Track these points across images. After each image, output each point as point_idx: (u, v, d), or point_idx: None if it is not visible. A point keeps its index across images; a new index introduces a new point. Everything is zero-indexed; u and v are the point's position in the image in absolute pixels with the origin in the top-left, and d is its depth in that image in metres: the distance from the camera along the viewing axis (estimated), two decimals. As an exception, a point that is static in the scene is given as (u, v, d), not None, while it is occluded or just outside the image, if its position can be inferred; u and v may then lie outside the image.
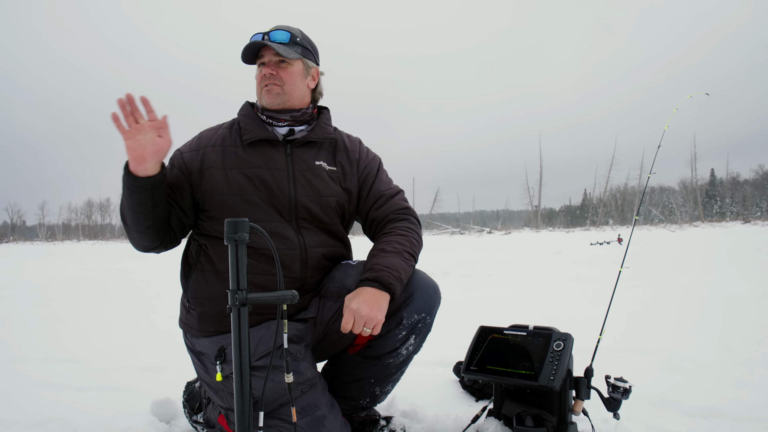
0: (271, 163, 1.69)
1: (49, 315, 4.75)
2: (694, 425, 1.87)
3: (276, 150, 1.71)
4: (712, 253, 10.38)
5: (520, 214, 77.15)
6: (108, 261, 14.02)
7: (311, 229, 1.71)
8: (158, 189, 1.54)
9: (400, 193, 1.87)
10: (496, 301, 4.95)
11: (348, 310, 1.52)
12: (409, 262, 1.68)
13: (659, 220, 50.77)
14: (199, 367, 1.72)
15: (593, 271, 7.68)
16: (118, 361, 2.97)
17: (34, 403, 2.23)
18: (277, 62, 1.70)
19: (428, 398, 2.18)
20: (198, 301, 1.68)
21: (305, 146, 1.75)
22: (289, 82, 1.71)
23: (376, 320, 1.51)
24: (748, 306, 4.16)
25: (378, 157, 1.91)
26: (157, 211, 1.57)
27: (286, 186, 1.68)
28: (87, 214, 69.28)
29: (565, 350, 1.69)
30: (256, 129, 1.72)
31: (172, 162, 1.74)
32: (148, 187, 1.50)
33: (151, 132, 1.47)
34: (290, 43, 1.70)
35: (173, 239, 1.71)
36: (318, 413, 1.57)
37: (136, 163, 1.47)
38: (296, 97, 1.74)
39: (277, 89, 1.70)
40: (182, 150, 1.75)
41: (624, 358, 2.71)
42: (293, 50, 1.70)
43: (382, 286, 1.56)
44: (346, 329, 1.51)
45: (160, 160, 1.51)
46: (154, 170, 1.50)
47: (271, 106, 1.72)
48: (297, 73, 1.72)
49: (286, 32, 1.70)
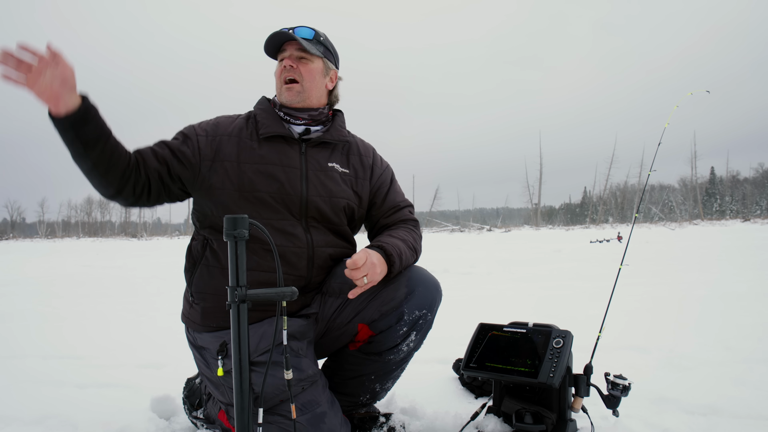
0: (285, 161, 1.69)
1: (49, 312, 4.75)
2: (693, 423, 1.88)
3: (291, 147, 1.72)
4: (712, 251, 10.39)
5: (519, 211, 77.22)
6: (108, 258, 14.03)
7: (320, 228, 1.72)
8: (81, 127, 1.43)
9: (411, 206, 1.93)
10: (496, 298, 4.95)
11: (364, 251, 1.55)
12: (411, 252, 1.73)
13: (659, 218, 50.78)
14: (201, 362, 1.72)
15: (593, 268, 7.68)
16: (117, 358, 2.97)
17: (34, 400, 2.23)
18: (299, 57, 1.72)
19: (428, 395, 2.18)
20: (202, 296, 1.68)
21: (319, 146, 1.77)
22: (309, 78, 1.73)
23: (376, 277, 1.55)
24: (747, 304, 4.16)
25: (391, 167, 1.96)
26: (94, 153, 1.47)
27: (298, 184, 1.68)
28: (87, 211, 69.38)
29: (564, 347, 1.69)
30: (273, 124, 1.72)
31: (186, 135, 1.70)
32: (68, 126, 1.41)
33: (49, 69, 1.36)
34: (313, 41, 1.73)
35: (142, 194, 1.62)
36: (318, 410, 1.58)
37: (52, 104, 1.38)
38: (314, 95, 1.76)
39: (297, 87, 1.72)
40: (198, 132, 1.71)
41: (623, 356, 2.72)
42: (316, 48, 1.73)
43: (385, 256, 1.60)
44: (355, 263, 1.50)
45: (72, 89, 1.40)
46: (73, 103, 1.40)
47: (291, 104, 1.74)
48: (317, 71, 1.74)
49: (310, 29, 1.74)
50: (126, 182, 1.56)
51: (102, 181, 1.53)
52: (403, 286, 1.68)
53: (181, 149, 1.66)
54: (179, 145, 1.67)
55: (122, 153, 1.54)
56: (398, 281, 1.68)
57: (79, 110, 1.41)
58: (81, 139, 1.43)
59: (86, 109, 1.43)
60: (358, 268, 1.50)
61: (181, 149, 1.66)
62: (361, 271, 1.51)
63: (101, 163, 1.49)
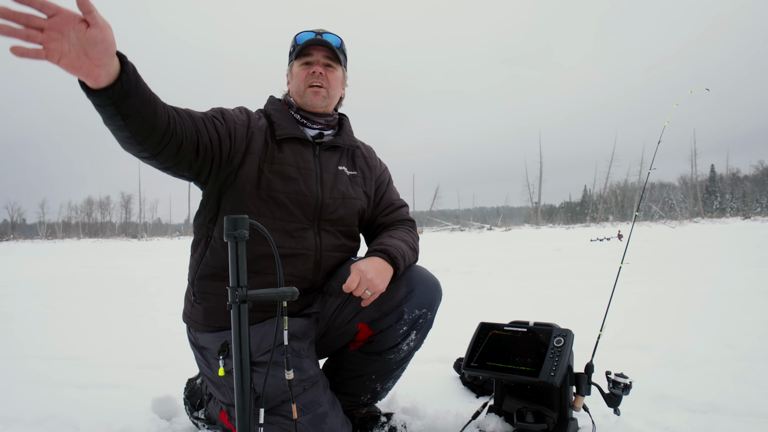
0: (302, 163, 1.70)
1: (50, 313, 4.75)
2: (694, 421, 1.88)
3: (306, 150, 1.73)
4: (712, 249, 10.39)
5: (520, 210, 77.20)
6: (108, 259, 14.03)
7: (331, 231, 1.72)
8: (124, 101, 1.21)
9: (407, 206, 1.97)
10: (497, 297, 4.95)
11: (356, 270, 1.55)
12: (412, 253, 1.75)
13: (659, 216, 50.79)
14: (202, 362, 1.72)
15: (593, 267, 7.68)
16: (118, 359, 2.97)
17: (35, 401, 2.23)
18: (326, 64, 1.73)
19: (429, 395, 2.18)
20: (204, 296, 1.68)
21: (330, 150, 1.78)
22: (334, 86, 1.75)
23: (379, 288, 1.56)
24: (747, 302, 4.16)
25: (387, 168, 2.00)
26: (134, 125, 1.28)
27: (314, 186, 1.69)
28: (87, 212, 69.35)
29: (565, 346, 1.69)
30: (290, 126, 1.72)
31: (224, 116, 1.61)
32: (107, 101, 1.19)
33: (74, 31, 1.06)
34: (339, 49, 1.75)
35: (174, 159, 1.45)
36: (319, 410, 1.58)
37: (91, 79, 1.13)
38: (334, 102, 1.80)
39: (323, 92, 1.73)
40: (236, 120, 1.63)
41: (624, 354, 2.72)
42: (341, 56, 1.75)
43: (389, 259, 1.62)
44: (349, 288, 1.52)
45: (112, 53, 1.13)
46: (113, 71, 1.16)
47: (315, 108, 1.74)
48: (339, 79, 1.77)
49: (337, 38, 1.75)
50: (163, 148, 1.39)
51: (138, 147, 1.35)
52: (403, 285, 1.68)
53: (221, 131, 1.57)
54: (220, 127, 1.57)
55: (162, 118, 1.35)
56: (398, 281, 1.69)
57: (121, 80, 1.18)
58: (122, 113, 1.23)
59: (128, 78, 1.20)
60: (356, 289, 1.53)
61: (221, 131, 1.57)
62: (359, 291, 1.54)
63: (141, 132, 1.30)
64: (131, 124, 1.27)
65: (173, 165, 1.48)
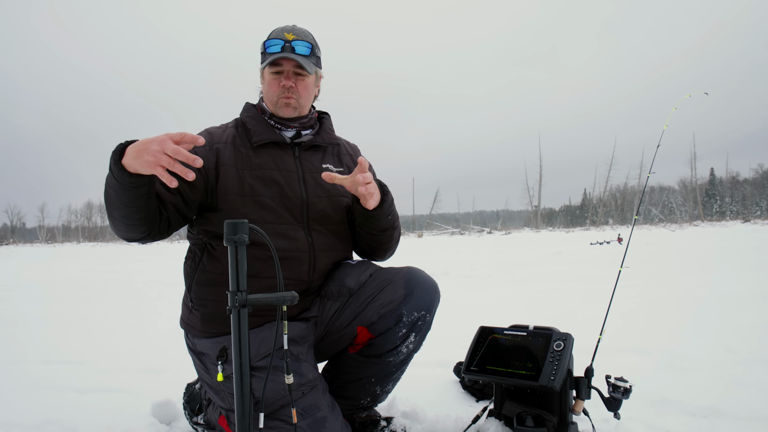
0: (282, 165, 1.71)
1: (52, 317, 4.76)
2: (694, 424, 1.88)
3: (285, 152, 1.74)
4: (712, 252, 10.38)
5: (519, 214, 77.28)
6: (108, 263, 14.02)
7: (322, 231, 1.73)
8: (154, 180, 1.44)
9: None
10: (496, 301, 4.95)
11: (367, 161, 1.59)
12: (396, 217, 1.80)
13: (659, 219, 50.79)
14: (200, 367, 1.72)
15: (593, 270, 7.68)
16: (118, 363, 2.97)
17: (35, 405, 2.23)
18: (296, 74, 1.73)
19: (429, 399, 2.18)
20: (201, 302, 1.68)
21: (311, 150, 1.80)
22: (305, 95, 1.76)
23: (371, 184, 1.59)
24: (747, 305, 4.16)
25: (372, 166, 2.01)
26: (150, 202, 1.47)
27: (297, 187, 1.70)
28: (87, 216, 69.46)
29: (565, 350, 1.69)
30: (265, 132, 1.74)
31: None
32: (146, 181, 1.39)
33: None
34: (310, 56, 1.74)
35: (164, 230, 1.60)
36: (319, 414, 1.58)
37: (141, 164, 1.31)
38: (307, 107, 1.80)
39: (293, 103, 1.74)
40: (198, 152, 1.67)
41: (624, 358, 2.72)
42: (312, 63, 1.74)
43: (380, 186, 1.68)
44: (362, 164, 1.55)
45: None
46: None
47: (286, 117, 1.76)
48: (311, 85, 1.78)
49: (307, 45, 1.72)
50: (153, 225, 1.54)
51: (143, 228, 1.52)
52: (401, 287, 1.69)
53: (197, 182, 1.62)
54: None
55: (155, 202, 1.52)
56: (396, 283, 1.69)
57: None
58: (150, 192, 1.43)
59: None
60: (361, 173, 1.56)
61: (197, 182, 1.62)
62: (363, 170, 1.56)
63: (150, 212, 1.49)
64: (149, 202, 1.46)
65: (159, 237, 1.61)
